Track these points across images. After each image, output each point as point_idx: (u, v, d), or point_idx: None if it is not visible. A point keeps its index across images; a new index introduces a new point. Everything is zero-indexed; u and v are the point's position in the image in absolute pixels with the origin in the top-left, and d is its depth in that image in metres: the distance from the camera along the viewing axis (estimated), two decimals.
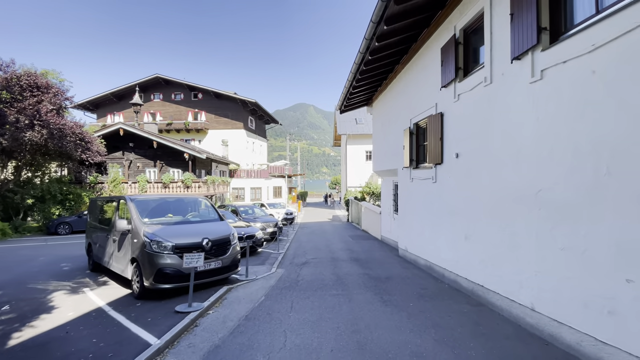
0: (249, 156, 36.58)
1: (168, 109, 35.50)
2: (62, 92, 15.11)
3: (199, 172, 22.87)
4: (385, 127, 11.11)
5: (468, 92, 5.63)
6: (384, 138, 11.23)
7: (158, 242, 5.42)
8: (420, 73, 7.89)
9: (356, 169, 30.16)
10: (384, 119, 11.31)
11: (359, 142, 30.57)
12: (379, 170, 12.13)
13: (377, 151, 12.48)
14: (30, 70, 13.65)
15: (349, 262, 8.46)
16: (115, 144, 21.27)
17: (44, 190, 15.53)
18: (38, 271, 8.12)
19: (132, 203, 6.12)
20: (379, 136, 12.22)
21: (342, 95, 11.75)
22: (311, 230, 16.82)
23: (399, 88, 9.58)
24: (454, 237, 6.11)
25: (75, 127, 14.58)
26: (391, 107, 10.38)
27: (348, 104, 13.33)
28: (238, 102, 34.57)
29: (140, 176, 20.44)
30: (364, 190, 21.29)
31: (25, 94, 13.55)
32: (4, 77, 12.83)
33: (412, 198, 8.41)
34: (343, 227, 17.93)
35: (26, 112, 12.87)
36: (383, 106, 11.43)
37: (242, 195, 31.15)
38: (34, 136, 12.94)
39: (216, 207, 15.64)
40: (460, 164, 5.89)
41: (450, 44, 6.07)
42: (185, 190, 20.64)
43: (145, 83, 35.03)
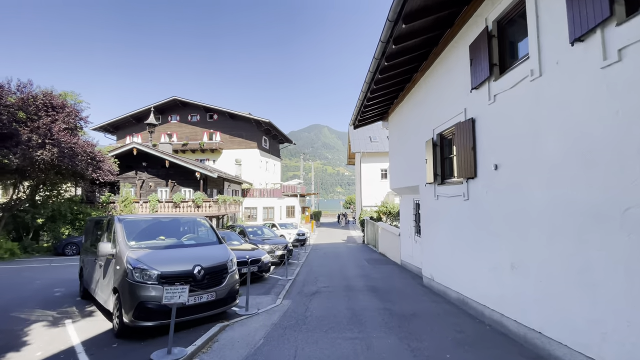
0: (263, 175, 36.24)
1: (184, 129, 36.05)
2: (77, 112, 15.17)
3: (211, 192, 22.46)
4: (403, 140, 10.22)
5: (507, 91, 4.73)
6: (402, 152, 10.32)
7: (142, 270, 4.61)
8: (443, 78, 7.07)
9: (371, 188, 29.09)
10: (401, 131, 10.45)
11: (373, 161, 29.68)
12: (396, 187, 11.14)
13: (395, 167, 11.54)
14: (46, 91, 13.79)
15: (365, 293, 7.36)
16: (129, 163, 21.26)
17: (55, 209, 15.32)
18: (29, 296, 7.49)
19: (119, 224, 5.41)
20: (396, 151, 11.32)
21: (356, 109, 11.03)
22: (324, 252, 15.73)
23: (418, 97, 8.76)
24: (495, 266, 5.01)
25: (86, 146, 14.47)
26: (410, 118, 9.53)
27: (362, 119, 12.59)
28: (252, 122, 34.72)
29: (152, 195, 20.16)
30: (379, 210, 20.16)
31: (40, 113, 13.60)
32: (20, 98, 12.93)
33: (438, 218, 7.35)
34: (358, 250, 16.74)
35: (39, 131, 12.82)
36: (400, 118, 10.60)
37: (255, 215, 30.48)
38: (45, 155, 12.80)
39: (225, 227, 14.76)
40: (500, 176, 4.89)
41: (482, 39, 5.25)
42: (195, 210, 20.15)
43: (163, 105, 35.91)
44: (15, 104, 12.72)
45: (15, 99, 12.84)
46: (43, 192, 15.89)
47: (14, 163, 12.37)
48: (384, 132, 32.61)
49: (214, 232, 6.34)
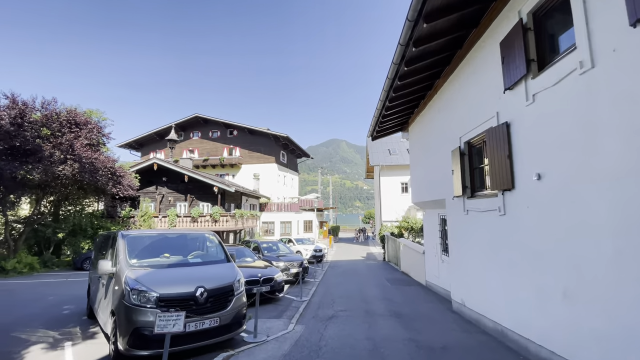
0: (280, 189, 36.12)
1: (205, 145, 36.82)
2: (100, 128, 15.61)
3: (228, 206, 22.39)
4: (426, 150, 9.58)
5: (550, 89, 4.10)
6: (425, 164, 9.66)
7: (139, 291, 4.22)
8: (469, 81, 6.50)
9: (391, 202, 28.13)
10: (423, 142, 9.82)
11: (393, 174, 28.84)
12: (419, 201, 10.41)
13: (417, 180, 10.84)
14: (70, 108, 14.29)
15: (388, 318, 6.63)
16: (149, 178, 21.65)
17: (75, 224, 15.59)
18: (36, 314, 7.32)
19: (122, 240, 5.10)
20: (418, 162, 10.66)
21: (374, 119, 10.54)
22: (342, 270, 14.97)
23: (441, 104, 8.18)
24: (542, 293, 4.24)
25: (107, 162, 14.75)
26: (432, 127, 8.93)
27: (380, 129, 12.06)
28: (270, 137, 34.99)
29: (171, 210, 20.30)
30: (401, 225, 19.24)
31: (63, 130, 14.05)
32: (44, 115, 13.42)
33: (469, 235, 6.60)
34: (379, 268, 15.85)
35: (61, 147, 13.18)
36: (422, 128, 10.00)
37: (272, 230, 30.14)
38: (67, 170, 13.09)
39: (241, 242, 14.39)
40: (545, 187, 4.19)
41: (515, 34, 4.68)
42: (213, 225, 20.03)
43: (185, 122, 37.01)
44: (39, 121, 13.20)
45: (40, 116, 13.33)
46: (64, 207, 16.27)
47: (36, 178, 12.69)
48: (403, 144, 31.85)
49: (222, 249, 5.91)
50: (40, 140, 13.27)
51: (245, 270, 8.07)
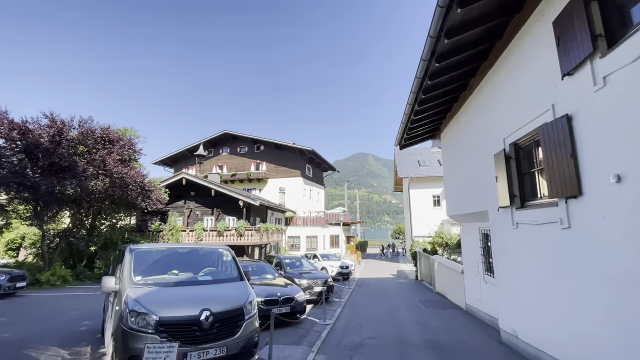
0: (306, 203, 35.72)
1: (234, 161, 37.61)
2: (131, 145, 16.13)
3: (254, 220, 22.21)
4: (462, 157, 8.65)
5: (627, 68, 3.24)
6: (462, 172, 8.70)
7: (138, 313, 3.75)
8: (513, 74, 5.66)
9: (422, 216, 26.64)
10: (459, 148, 8.90)
11: (423, 186, 27.45)
12: (456, 214, 9.37)
13: (452, 191, 9.84)
14: (104, 126, 14.92)
15: (424, 350, 5.69)
16: (179, 193, 22.11)
17: (107, 238, 15.99)
18: (53, 330, 7.17)
19: (129, 255, 4.74)
20: (453, 171, 9.69)
21: (402, 125, 9.79)
22: (371, 289, 13.94)
23: (478, 104, 7.33)
24: (633, 333, 3.23)
25: (137, 176, 15.11)
26: (469, 130, 8.04)
27: (409, 137, 11.25)
28: (296, 151, 35.03)
29: (197, 224, 20.44)
30: (434, 241, 17.87)
31: (97, 146, 14.65)
32: (80, 132, 14.07)
33: (520, 253, 5.58)
34: (411, 287, 14.62)
35: (95, 162, 13.67)
36: (456, 133, 9.10)
37: (298, 245, 29.57)
38: (98, 185, 13.50)
39: (265, 257, 13.90)
40: (628, 191, 3.27)
41: (574, 8, 3.88)
42: (238, 239, 19.86)
43: (215, 139, 38.17)
44: (76, 139, 13.85)
45: (76, 134, 13.99)
46: (97, 221, 16.81)
47: (70, 192, 13.17)
48: (433, 155, 30.42)
49: (235, 266, 5.39)
50: (77, 157, 13.88)
51: (263, 288, 7.51)
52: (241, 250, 20.36)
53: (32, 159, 13.00)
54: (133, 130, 20.80)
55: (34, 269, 13.34)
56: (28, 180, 12.21)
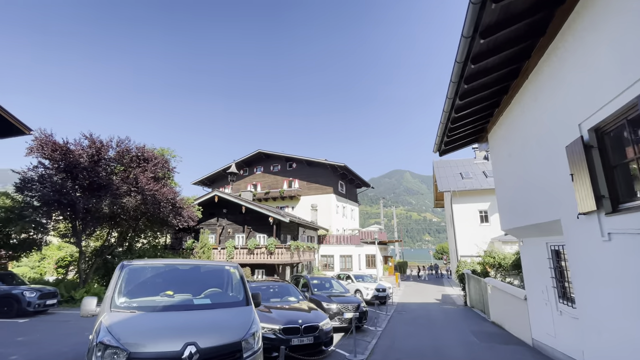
0: (339, 221, 34.49)
1: (267, 179, 37.91)
2: (165, 162, 16.44)
3: (284, 237, 21.51)
4: (518, 158, 7.18)
5: None
6: (519, 176, 7.20)
7: (107, 346, 2.98)
8: (587, 40, 4.38)
9: (468, 234, 24.13)
10: (513, 147, 7.44)
11: (468, 200, 25.07)
12: (513, 228, 7.76)
13: (507, 200, 8.25)
14: (139, 145, 15.37)
15: None
16: (212, 210, 22.22)
17: (140, 255, 16.12)
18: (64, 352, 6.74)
19: (118, 272, 4.10)
20: (507, 177, 8.16)
21: (441, 126, 8.57)
22: (412, 316, 12.26)
23: (536, 90, 6.00)
24: None
25: (168, 193, 15.21)
26: (526, 124, 6.64)
27: (449, 141, 9.90)
28: (328, 168, 34.40)
29: (229, 242, 20.18)
30: (484, 261, 15.72)
31: (132, 164, 15.05)
32: (117, 151, 14.57)
33: (618, 274, 4.07)
34: (459, 315, 12.68)
35: (128, 180, 13.96)
36: (509, 130, 7.68)
37: (332, 264, 28.20)
38: (130, 201, 13.68)
39: (292, 278, 12.90)
40: None
41: None
42: (269, 257, 19.19)
43: (249, 158, 38.94)
44: (113, 158, 14.35)
45: (114, 154, 14.50)
46: (133, 239, 17.12)
47: (105, 210, 13.44)
48: (477, 167, 27.94)
49: (242, 287, 4.52)
50: (113, 176, 14.31)
51: (283, 313, 6.52)
52: (271, 269, 19.60)
53: (71, 178, 13.56)
54: (170, 150, 21.54)
55: (70, 286, 13.61)
56: (67, 198, 12.64)
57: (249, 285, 8.11)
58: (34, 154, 12.99)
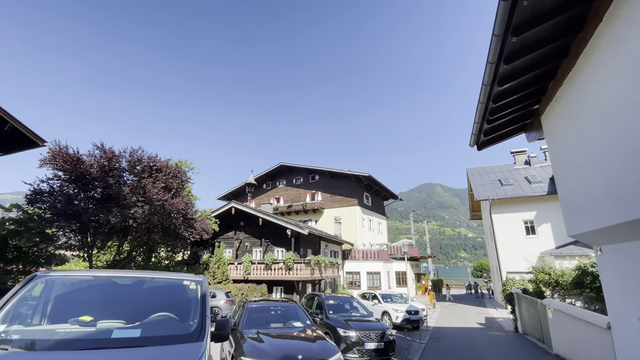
0: (366, 235, 32.40)
1: (290, 192, 37.02)
2: (179, 172, 15.78)
3: (304, 252, 19.99)
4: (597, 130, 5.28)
5: None
6: (597, 160, 5.29)
7: None
8: None
9: (512, 248, 21.23)
10: (587, 119, 5.54)
11: (509, 210, 22.27)
12: (590, 231, 5.75)
13: (578, 193, 6.24)
14: (151, 155, 14.86)
15: None
16: (229, 223, 21.36)
17: (151, 270, 15.33)
18: None
19: (20, 286, 2.87)
20: (577, 160, 6.20)
21: (479, 109, 6.88)
22: (452, 346, 10.14)
23: (622, 25, 4.26)
24: None
25: (179, 204, 14.39)
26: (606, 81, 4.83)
27: (490, 129, 8.09)
28: (352, 179, 32.82)
29: (245, 256, 19.03)
30: (537, 279, 13.18)
31: (144, 174, 14.50)
32: (128, 161, 14.10)
33: None
34: (511, 345, 10.34)
35: (137, 190, 13.34)
36: (575, 101, 5.80)
37: (358, 282, 26.07)
38: (138, 212, 12.99)
39: (306, 296, 11.22)
40: None
41: None
42: (287, 273, 17.72)
43: (272, 172, 38.41)
44: (124, 168, 13.89)
45: (125, 164, 14.05)
46: (144, 252, 16.44)
47: (113, 220, 12.82)
48: (518, 173, 25.02)
49: (199, 311, 3.13)
50: (124, 187, 13.81)
51: (279, 344, 5.02)
52: (290, 287, 18.07)
53: (82, 189, 13.18)
54: (188, 163, 21.16)
55: None
56: (73, 209, 12.18)
57: (249, 306, 6.75)
58: (47, 166, 12.79)
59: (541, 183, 22.58)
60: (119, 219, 12.93)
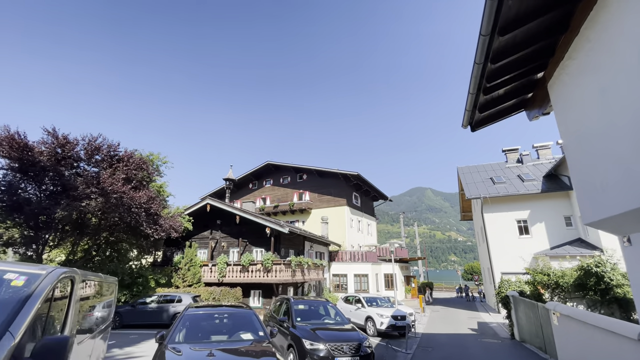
0: (354, 236, 31.12)
1: (277, 192, 35.59)
2: (144, 164, 14.25)
3: (286, 252, 18.57)
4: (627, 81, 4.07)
5: None
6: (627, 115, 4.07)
7: None
8: None
9: (505, 248, 20.23)
10: (610, 69, 4.34)
11: (502, 209, 21.30)
12: (619, 214, 4.55)
13: (599, 168, 5.03)
14: (111, 144, 13.33)
15: None
16: (205, 222, 19.81)
17: (110, 271, 13.71)
18: None
19: None
20: (592, 131, 4.97)
21: (475, 72, 5.66)
22: (442, 356, 8.86)
23: None
24: None
25: (141, 198, 12.85)
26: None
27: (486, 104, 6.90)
28: (340, 178, 31.58)
29: (221, 257, 17.48)
30: (536, 280, 12.08)
31: (103, 164, 12.99)
32: (85, 149, 12.55)
33: None
34: (510, 355, 9.13)
35: (91, 181, 11.82)
36: (596, 50, 4.62)
37: (345, 284, 24.72)
38: (90, 205, 11.45)
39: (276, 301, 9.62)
40: None
41: None
42: (265, 275, 16.26)
43: (258, 171, 36.91)
44: (81, 158, 12.39)
45: (83, 154, 12.52)
46: (102, 253, 14.81)
47: (60, 214, 11.26)
48: (510, 171, 24.13)
49: (6, 319, 1.75)
50: (78, 177, 12.27)
51: None
52: (269, 291, 16.60)
53: (29, 178, 11.60)
54: (161, 157, 19.62)
55: None
56: (17, 200, 10.65)
57: (187, 313, 5.20)
58: None
59: (534, 181, 21.71)
60: (68, 213, 11.35)
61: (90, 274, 4.32)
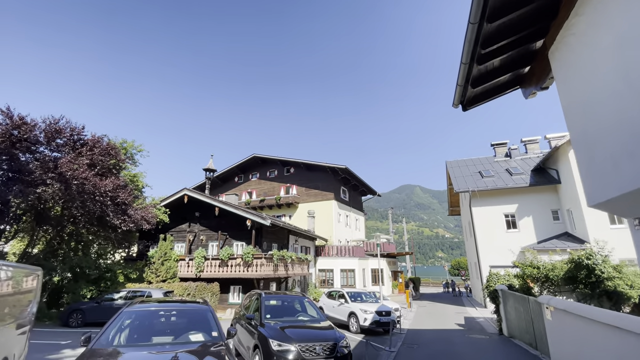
0: (342, 231, 30.51)
1: (263, 186, 34.65)
2: (113, 149, 13.13)
3: (269, 246, 17.76)
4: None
5: None
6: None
7: None
8: None
9: (492, 242, 19.93)
10: (626, 22, 3.68)
11: (490, 202, 20.99)
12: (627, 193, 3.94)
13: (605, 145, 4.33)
14: (74, 127, 12.18)
15: None
16: (183, 214, 18.80)
17: (74, 265, 12.62)
18: None
19: None
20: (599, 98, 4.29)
21: (467, 43, 4.94)
22: (428, 353, 8.26)
23: None
24: None
25: (107, 185, 11.79)
26: None
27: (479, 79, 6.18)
28: (328, 171, 30.84)
29: (198, 251, 16.54)
30: (525, 273, 11.64)
31: (65, 148, 11.86)
32: (47, 133, 11.39)
33: None
34: (499, 352, 8.60)
35: (48, 165, 10.72)
36: (604, 10, 3.96)
37: (331, 280, 24.10)
38: (47, 192, 10.36)
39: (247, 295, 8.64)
40: None
41: None
42: (245, 270, 15.43)
43: (244, 164, 35.81)
44: (40, 141, 11.24)
45: (42, 136, 11.37)
46: (65, 245, 13.68)
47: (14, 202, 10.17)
48: (499, 165, 23.85)
49: None
50: (35, 162, 11.13)
51: None
52: (250, 286, 15.79)
53: None
54: (136, 145, 18.41)
55: None
56: None
57: (126, 310, 4.10)
58: None
59: (523, 175, 21.47)
60: (22, 200, 10.25)
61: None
